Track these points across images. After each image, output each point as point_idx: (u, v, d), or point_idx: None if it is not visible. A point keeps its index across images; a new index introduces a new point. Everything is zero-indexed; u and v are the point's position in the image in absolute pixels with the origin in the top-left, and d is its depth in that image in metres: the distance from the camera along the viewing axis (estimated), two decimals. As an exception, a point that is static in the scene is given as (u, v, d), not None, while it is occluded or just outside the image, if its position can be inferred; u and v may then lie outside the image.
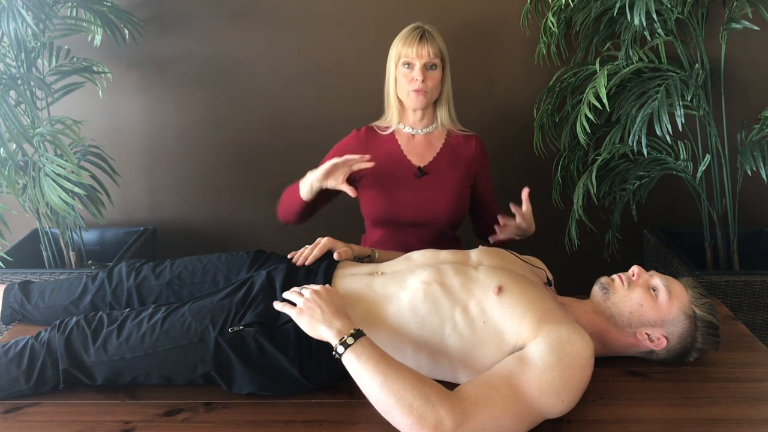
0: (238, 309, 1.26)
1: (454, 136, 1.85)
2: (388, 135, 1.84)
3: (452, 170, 1.82)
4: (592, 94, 1.92)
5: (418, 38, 1.72)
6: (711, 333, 1.27)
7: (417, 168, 1.81)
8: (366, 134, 1.86)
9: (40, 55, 2.08)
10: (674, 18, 1.98)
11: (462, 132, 1.85)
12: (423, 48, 1.71)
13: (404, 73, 1.74)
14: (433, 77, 1.74)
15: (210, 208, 2.50)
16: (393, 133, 1.84)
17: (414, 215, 1.77)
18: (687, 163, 2.13)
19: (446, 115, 1.83)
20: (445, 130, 1.85)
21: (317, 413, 1.18)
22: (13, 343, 1.26)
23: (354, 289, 1.31)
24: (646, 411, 1.18)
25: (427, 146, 1.84)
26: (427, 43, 1.71)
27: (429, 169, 1.81)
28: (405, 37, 1.75)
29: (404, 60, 1.73)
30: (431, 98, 1.77)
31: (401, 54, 1.74)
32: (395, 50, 1.77)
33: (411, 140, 1.84)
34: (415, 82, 1.72)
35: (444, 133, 1.85)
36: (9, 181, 1.81)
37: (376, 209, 1.81)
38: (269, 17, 2.29)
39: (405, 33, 1.76)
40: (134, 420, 1.16)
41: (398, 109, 1.82)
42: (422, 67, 1.72)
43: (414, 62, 1.72)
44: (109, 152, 2.23)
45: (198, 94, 2.37)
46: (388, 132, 1.84)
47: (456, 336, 1.20)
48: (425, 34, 1.73)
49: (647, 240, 2.41)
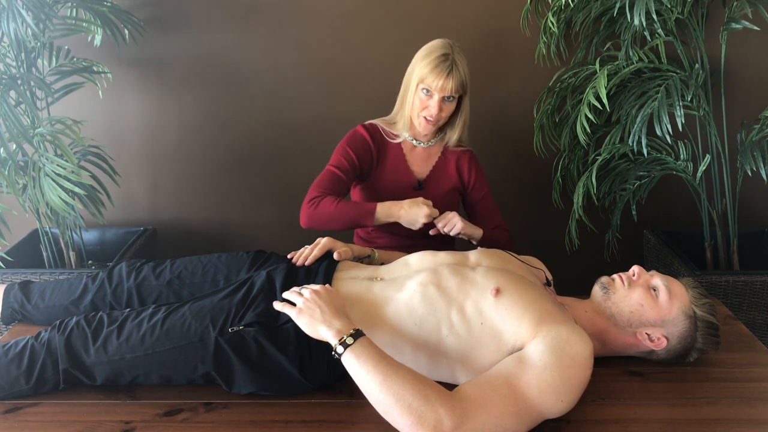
0: (238, 309, 1.26)
1: (450, 149, 1.86)
2: (395, 143, 1.84)
3: (443, 183, 1.84)
4: (592, 94, 1.92)
5: (446, 73, 1.65)
6: (711, 333, 1.27)
7: (417, 181, 1.82)
8: (375, 134, 1.83)
9: (40, 55, 2.08)
10: (674, 18, 1.98)
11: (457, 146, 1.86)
12: (448, 83, 1.65)
13: (421, 98, 1.71)
14: (449, 108, 1.72)
15: (210, 208, 2.50)
16: (400, 142, 1.84)
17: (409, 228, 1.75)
18: (687, 163, 2.13)
19: (457, 138, 1.82)
20: (444, 144, 1.86)
21: (317, 413, 1.18)
22: (13, 343, 1.26)
23: (353, 292, 1.31)
24: (646, 411, 1.18)
25: (426, 158, 1.85)
26: (453, 78, 1.65)
27: (425, 182, 1.83)
28: (433, 64, 1.66)
29: (425, 86, 1.69)
30: (440, 125, 1.77)
31: (425, 81, 1.68)
32: (419, 71, 1.69)
33: (413, 150, 1.85)
34: (429, 110, 1.70)
35: (442, 145, 1.86)
36: (9, 181, 1.81)
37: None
38: (269, 17, 2.29)
39: (434, 59, 1.66)
40: (134, 420, 1.16)
41: (408, 122, 1.79)
42: (440, 100, 1.69)
43: (434, 93, 1.68)
44: (109, 152, 2.23)
45: (198, 94, 2.37)
46: (396, 141, 1.84)
47: (453, 337, 1.20)
48: (454, 68, 1.65)
49: (647, 240, 2.41)
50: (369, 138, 1.82)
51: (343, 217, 1.66)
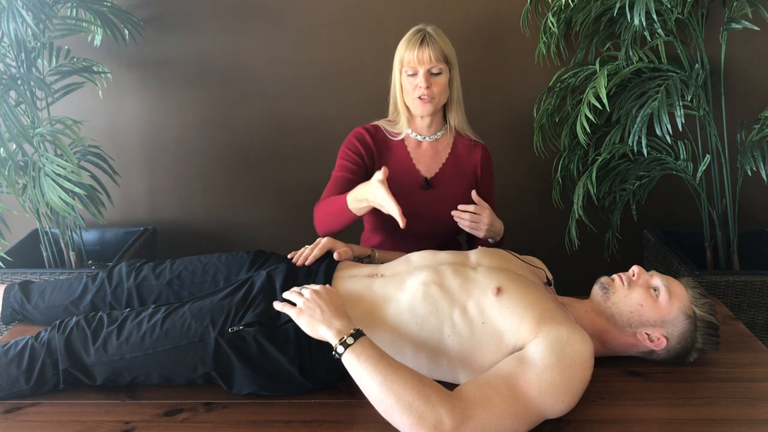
0: (238, 309, 1.26)
1: (461, 143, 1.80)
2: (398, 141, 1.79)
3: (457, 182, 1.77)
4: (592, 94, 1.92)
5: (419, 42, 1.64)
6: (711, 333, 1.27)
7: (424, 179, 1.77)
8: (376, 135, 1.80)
9: (40, 55, 2.08)
10: (674, 18, 1.98)
11: (469, 139, 1.81)
12: (424, 53, 1.64)
13: (409, 80, 1.68)
14: (439, 83, 1.67)
15: (210, 208, 2.50)
16: (403, 139, 1.80)
17: (416, 227, 1.69)
18: (687, 163, 2.13)
19: (458, 119, 1.77)
20: (453, 137, 1.80)
21: (317, 413, 1.18)
22: (13, 343, 1.26)
23: (354, 291, 1.31)
24: (646, 411, 1.18)
25: (434, 155, 1.79)
26: (429, 47, 1.64)
27: (435, 181, 1.77)
28: (407, 41, 1.67)
29: (408, 67, 1.67)
30: (438, 104, 1.71)
31: (404, 60, 1.67)
32: (398, 56, 1.70)
33: (419, 147, 1.79)
34: (420, 89, 1.66)
35: (451, 140, 1.80)
36: (9, 181, 1.81)
37: (379, 217, 1.73)
38: (269, 17, 2.29)
39: (407, 37, 1.68)
40: (134, 420, 1.16)
41: (407, 116, 1.76)
42: (426, 74, 1.65)
43: (417, 69, 1.66)
44: (109, 152, 2.23)
45: (198, 94, 2.37)
46: (398, 138, 1.79)
47: (455, 336, 1.20)
48: (426, 37, 1.65)
49: (647, 240, 2.41)
50: (369, 137, 1.79)
51: (330, 211, 1.62)
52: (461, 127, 1.79)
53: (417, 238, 1.74)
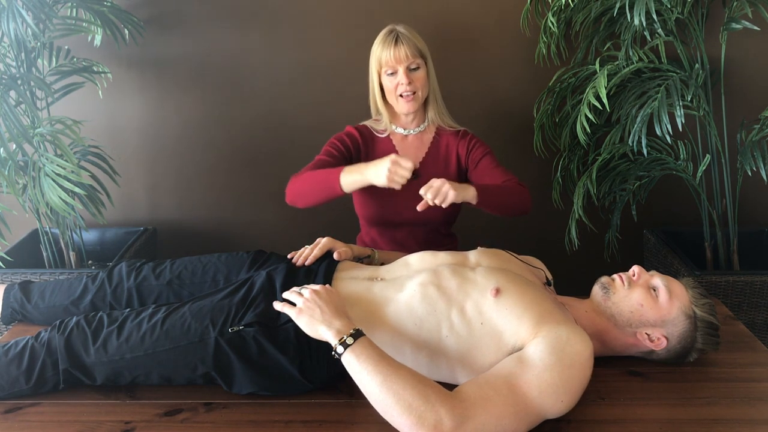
0: (238, 309, 1.26)
1: (443, 133, 1.85)
2: (384, 137, 1.85)
3: (442, 170, 1.82)
4: (592, 94, 1.92)
5: (393, 42, 1.70)
6: (711, 333, 1.27)
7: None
8: (364, 132, 1.86)
9: (40, 55, 2.08)
10: (674, 18, 1.98)
11: (451, 128, 1.85)
12: (401, 51, 1.69)
13: (389, 79, 1.74)
14: (419, 77, 1.73)
15: (210, 208, 2.50)
16: (389, 135, 1.85)
17: (408, 217, 1.77)
18: (687, 163, 2.13)
19: (435, 113, 1.83)
20: (435, 127, 1.86)
21: (317, 413, 1.18)
22: (13, 343, 1.26)
23: (353, 292, 1.31)
24: (646, 411, 1.18)
25: (419, 146, 1.85)
26: (404, 45, 1.70)
27: (422, 170, 1.82)
28: (381, 42, 1.73)
29: (387, 67, 1.72)
30: (421, 99, 1.77)
31: (382, 61, 1.73)
32: (374, 58, 1.75)
33: (404, 140, 1.85)
34: (402, 86, 1.72)
35: (434, 130, 1.86)
36: (9, 181, 1.81)
37: (372, 210, 1.83)
38: (269, 17, 2.29)
39: (381, 39, 1.74)
40: (134, 420, 1.16)
41: (388, 114, 1.82)
42: (405, 70, 1.71)
43: (396, 67, 1.71)
44: (109, 152, 2.23)
45: (198, 94, 2.37)
46: (384, 135, 1.85)
47: (453, 337, 1.20)
48: (400, 36, 1.71)
49: (647, 240, 2.41)
50: (357, 134, 1.85)
51: (314, 182, 1.63)
52: (441, 116, 1.85)
53: (410, 226, 1.81)
